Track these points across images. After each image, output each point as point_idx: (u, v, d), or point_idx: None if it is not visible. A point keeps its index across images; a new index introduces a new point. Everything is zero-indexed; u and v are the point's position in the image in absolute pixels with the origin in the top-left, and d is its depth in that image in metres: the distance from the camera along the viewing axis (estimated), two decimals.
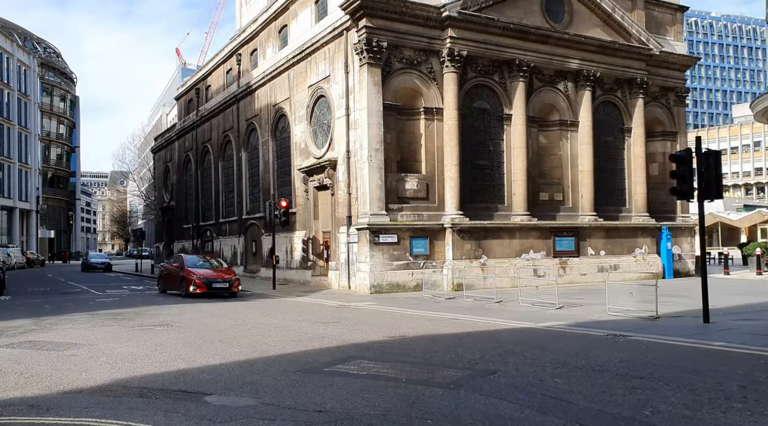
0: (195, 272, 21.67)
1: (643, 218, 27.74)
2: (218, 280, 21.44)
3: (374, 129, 22.54)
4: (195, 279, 21.23)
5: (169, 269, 23.77)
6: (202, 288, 21.10)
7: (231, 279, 21.73)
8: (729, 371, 8.33)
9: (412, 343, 11.08)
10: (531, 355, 9.69)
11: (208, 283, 21.23)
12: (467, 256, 23.07)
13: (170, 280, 23.30)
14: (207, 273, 21.95)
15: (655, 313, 14.65)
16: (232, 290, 21.54)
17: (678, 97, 30.24)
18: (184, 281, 21.70)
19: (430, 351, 10.21)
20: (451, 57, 23.70)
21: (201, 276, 21.44)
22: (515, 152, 24.89)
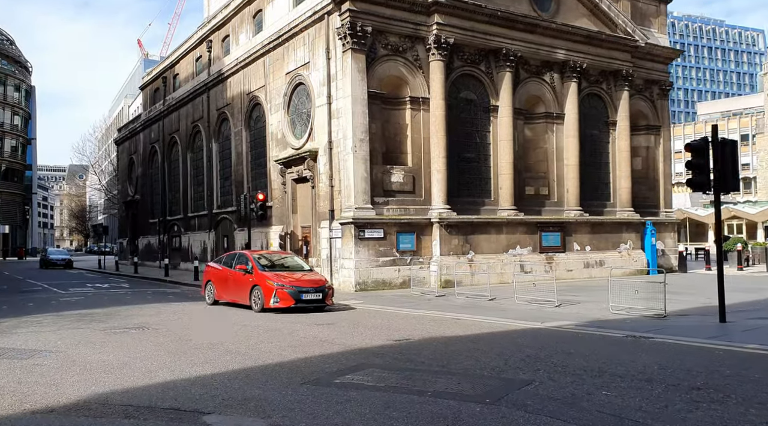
0: (274, 278, 15.47)
1: (628, 213, 27.30)
2: (309, 290, 15.36)
3: (359, 118, 21.45)
4: (276, 288, 15.08)
5: (226, 273, 17.22)
6: (287, 301, 15.00)
7: (324, 287, 15.65)
8: None
9: (422, 348, 10.09)
10: (559, 361, 8.80)
11: (296, 295, 15.10)
12: (455, 252, 22.19)
13: (229, 288, 16.98)
14: (291, 279, 15.62)
15: (662, 311, 13.98)
16: (325, 302, 15.67)
17: (662, 90, 29.92)
18: (257, 291, 15.56)
19: (445, 357, 9.23)
20: (437, 44, 22.75)
21: (285, 284, 15.24)
22: (502, 145, 24.10)
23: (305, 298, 15.21)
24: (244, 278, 16.17)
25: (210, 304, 17.42)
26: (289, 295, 15.07)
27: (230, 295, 16.90)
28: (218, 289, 17.41)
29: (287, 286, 15.21)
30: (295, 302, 15.02)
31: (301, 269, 17.03)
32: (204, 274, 18.37)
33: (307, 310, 15.15)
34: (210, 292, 17.75)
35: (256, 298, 15.58)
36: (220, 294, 17.36)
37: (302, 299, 15.15)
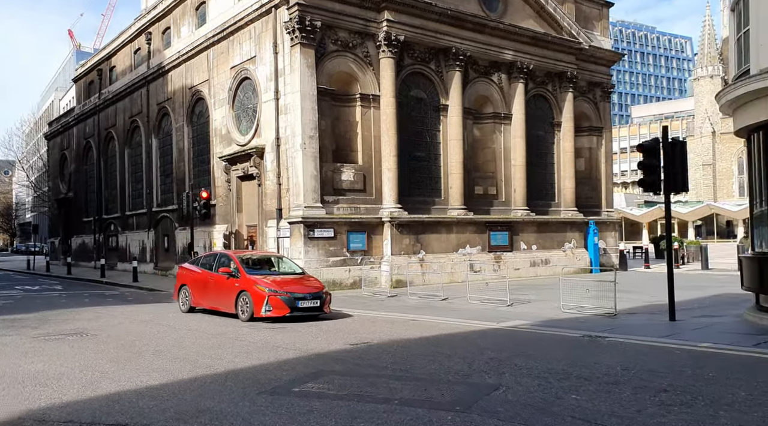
0: (265, 283, 13.51)
1: (572, 213, 27.77)
2: (305, 296, 13.40)
3: (308, 114, 20.95)
4: (269, 294, 13.12)
5: (206, 277, 15.08)
6: (281, 309, 13.06)
7: (321, 293, 13.72)
8: (745, 378, 7.61)
9: (381, 352, 9.77)
10: (523, 363, 8.65)
11: (291, 302, 13.14)
12: (406, 252, 21.98)
13: (209, 293, 14.92)
14: (285, 284, 13.66)
15: (612, 310, 14.13)
16: (323, 310, 13.75)
17: (604, 92, 30.58)
18: (245, 297, 13.52)
19: (407, 361, 8.95)
20: (387, 41, 22.47)
21: (279, 290, 13.29)
22: (452, 144, 24.06)
23: (301, 306, 13.25)
24: (229, 283, 14.11)
25: (185, 312, 15.34)
26: (284, 302, 13.08)
27: (211, 302, 14.86)
28: (195, 294, 15.29)
29: (281, 292, 13.20)
30: (290, 311, 13.06)
31: (293, 272, 15.06)
32: (177, 277, 16.37)
33: (302, 320, 13.31)
34: (185, 298, 15.56)
35: (243, 305, 13.53)
36: (197, 300, 15.25)
37: (298, 307, 13.18)
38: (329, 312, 13.99)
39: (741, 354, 9.19)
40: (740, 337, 10.54)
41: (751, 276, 12.30)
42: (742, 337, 10.52)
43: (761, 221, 12.46)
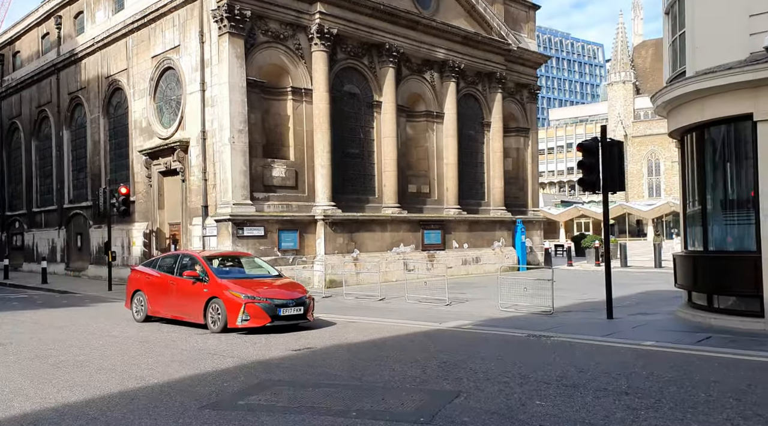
0: (240, 288, 11.75)
1: (501, 212, 28.09)
2: (288, 303, 11.68)
3: (237, 107, 20.03)
4: (246, 301, 11.36)
5: (166, 281, 13.15)
6: (261, 318, 11.36)
7: (304, 298, 12.02)
8: (699, 378, 7.62)
9: (327, 357, 9.24)
10: (477, 366, 8.36)
11: (272, 310, 11.44)
12: (340, 251, 21.45)
13: (171, 300, 12.93)
14: (263, 289, 11.96)
15: (549, 308, 14.21)
16: (306, 317, 12.05)
17: (531, 94, 31.13)
18: (216, 305, 11.69)
19: (357, 367, 8.47)
20: (320, 34, 21.85)
21: (257, 296, 11.56)
22: (386, 141, 23.72)
23: (284, 314, 11.53)
24: (196, 288, 12.22)
25: (140, 321, 13.41)
26: (263, 310, 11.32)
27: (173, 310, 12.87)
28: (153, 301, 13.30)
29: (259, 298, 11.46)
30: (271, 320, 11.36)
31: (269, 274, 13.31)
32: (129, 282, 14.27)
33: (283, 330, 11.67)
34: (140, 306, 13.56)
35: (214, 314, 11.69)
36: (155, 308, 13.25)
37: (280, 316, 11.47)
38: (313, 319, 12.32)
39: (685, 352, 9.27)
40: (680, 335, 10.72)
41: (685, 274, 12.60)
42: (682, 335, 10.70)
43: (694, 220, 12.78)
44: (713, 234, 11.93)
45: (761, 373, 7.73)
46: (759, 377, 7.53)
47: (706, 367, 8.18)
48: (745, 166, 11.51)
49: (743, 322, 11.01)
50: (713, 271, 11.68)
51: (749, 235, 11.20)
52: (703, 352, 9.19)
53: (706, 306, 12.00)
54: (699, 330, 11.05)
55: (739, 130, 11.53)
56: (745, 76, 10.66)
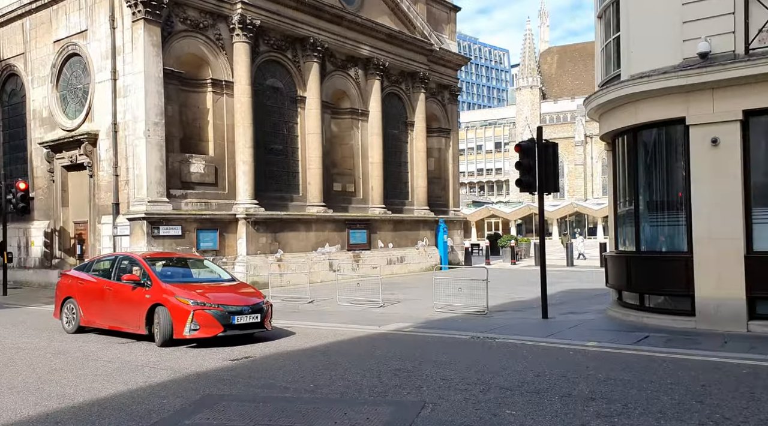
0: (188, 294, 10.38)
1: (424, 212, 28.11)
2: (243, 310, 10.38)
3: (153, 98, 18.76)
4: (194, 308, 10.04)
5: (101, 287, 11.61)
6: (211, 327, 10.06)
7: (261, 304, 10.75)
8: (656, 380, 7.63)
9: (270, 367, 8.60)
10: (433, 373, 8.01)
11: (224, 318, 10.14)
12: (263, 251, 20.60)
13: (107, 308, 11.40)
14: (214, 295, 10.64)
15: (482, 308, 14.19)
16: (263, 326, 10.78)
17: (452, 95, 31.39)
18: (161, 313, 10.27)
19: (307, 377, 7.90)
20: (242, 25, 20.90)
21: (207, 302, 10.23)
22: (310, 138, 23.06)
23: (238, 323, 10.23)
24: (136, 294, 10.76)
25: (71, 332, 11.84)
26: (215, 318, 10.03)
27: (110, 319, 11.32)
28: (87, 309, 11.72)
29: (210, 304, 10.15)
30: (223, 329, 10.08)
31: (220, 278, 11.98)
32: (59, 288, 12.60)
33: (238, 341, 10.48)
34: (71, 315, 11.97)
35: (159, 324, 10.25)
36: (90, 317, 11.69)
37: (234, 324, 10.19)
38: (271, 328, 11.12)
39: (630, 353, 9.34)
40: (618, 335, 10.85)
41: (618, 274, 12.87)
42: (620, 335, 10.84)
43: (625, 221, 13.09)
44: (645, 234, 12.23)
45: (709, 374, 7.84)
46: (709, 377, 7.62)
47: (655, 368, 8.23)
48: (675, 168, 11.87)
49: (675, 321, 11.33)
50: (646, 271, 11.97)
51: (681, 236, 11.54)
52: (647, 353, 9.29)
53: (638, 305, 12.29)
54: (634, 329, 11.25)
55: (670, 133, 11.86)
56: (678, 80, 10.96)
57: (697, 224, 11.01)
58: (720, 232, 10.74)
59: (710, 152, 10.88)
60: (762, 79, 10.32)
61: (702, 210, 10.95)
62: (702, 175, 10.96)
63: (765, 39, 10.41)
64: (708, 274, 10.85)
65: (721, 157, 10.77)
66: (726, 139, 10.74)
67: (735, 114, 10.66)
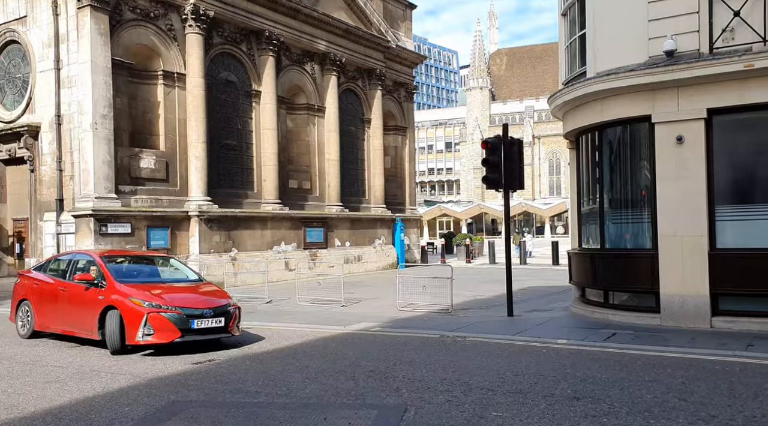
0: (143, 295, 9.43)
1: (382, 210, 27.86)
2: (204, 312, 9.41)
3: (101, 90, 17.87)
4: (149, 311, 9.10)
5: (55, 288, 10.60)
6: (168, 332, 9.09)
7: (226, 307, 9.77)
8: (634, 378, 7.57)
9: (237, 370, 8.15)
10: (408, 374, 7.74)
11: (183, 321, 9.17)
12: (216, 250, 19.91)
13: (61, 311, 10.36)
14: (173, 296, 9.72)
15: (446, 307, 14.03)
16: (228, 330, 9.73)
17: (408, 93, 31.25)
18: (113, 317, 9.29)
19: (278, 381, 7.49)
20: (195, 16, 20.16)
21: (163, 304, 9.27)
22: (265, 134, 22.47)
23: (198, 327, 9.26)
24: (89, 295, 9.78)
25: (25, 337, 10.88)
26: (171, 322, 9.07)
27: (63, 323, 10.31)
28: (40, 312, 10.70)
29: (167, 307, 9.20)
30: (181, 334, 9.10)
31: (186, 279, 10.98)
32: (16, 289, 11.61)
33: (199, 347, 9.52)
34: (26, 318, 10.97)
35: (111, 328, 9.26)
36: (44, 321, 10.63)
37: (193, 329, 9.21)
38: (239, 334, 10.11)
39: (602, 350, 9.28)
40: (586, 332, 10.81)
41: (583, 271, 12.89)
42: (588, 332, 10.80)
43: (589, 219, 13.13)
44: (609, 232, 12.27)
45: (685, 371, 7.82)
46: (687, 375, 7.60)
47: (631, 365, 8.17)
48: (640, 166, 11.95)
49: (640, 318, 11.39)
50: (611, 268, 12.00)
51: (645, 233, 11.62)
52: (618, 350, 9.25)
53: (603, 302, 12.32)
54: (601, 326, 11.25)
55: (635, 131, 11.93)
56: (645, 78, 11.00)
57: (662, 221, 11.09)
58: (685, 230, 10.84)
59: (675, 150, 10.97)
60: (725, 78, 10.46)
61: (667, 207, 11.04)
62: (667, 173, 11.04)
63: (729, 38, 10.56)
64: (673, 271, 10.94)
65: (686, 155, 10.87)
66: (691, 137, 10.85)
67: (699, 112, 10.78)
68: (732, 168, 10.91)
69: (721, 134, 10.86)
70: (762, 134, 10.69)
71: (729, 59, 10.29)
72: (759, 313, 10.46)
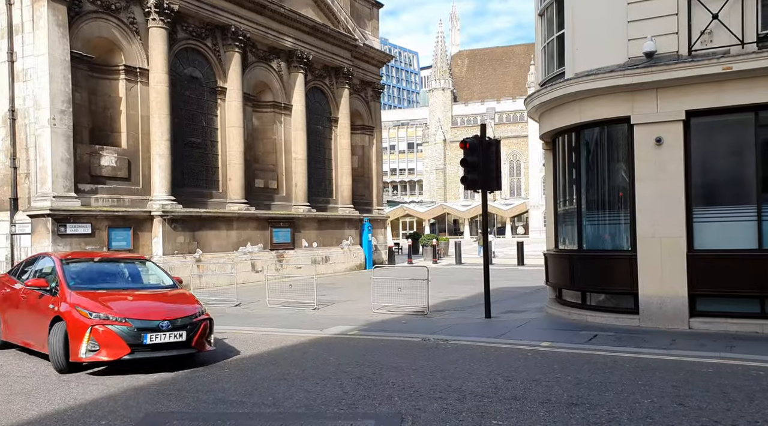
0: (92, 304, 8.22)
1: (349, 210, 27.53)
2: (160, 325, 8.09)
3: (59, 84, 17.07)
4: (94, 323, 7.91)
5: (19, 294, 9.49)
6: (115, 348, 7.87)
7: (190, 319, 8.41)
8: (626, 381, 7.47)
9: (217, 378, 7.74)
10: (397, 380, 7.47)
11: (133, 336, 7.93)
12: (180, 251, 19.27)
13: (20, 320, 9.33)
14: (127, 305, 8.47)
15: (422, 309, 13.86)
16: (192, 346, 8.37)
17: (375, 92, 30.99)
18: (57, 328, 8.17)
19: (260, 389, 7.13)
20: (159, 9, 19.47)
21: (112, 315, 8.03)
22: (231, 132, 21.89)
23: (151, 342, 7.93)
24: (43, 303, 8.67)
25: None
26: (119, 336, 7.82)
27: (23, 334, 9.21)
28: (6, 321, 9.67)
29: (115, 318, 7.94)
30: (130, 351, 7.83)
31: (158, 285, 9.71)
32: None
33: (155, 366, 8.18)
34: None
35: (54, 343, 8.09)
36: (8, 330, 9.60)
37: (145, 344, 7.91)
38: (211, 348, 8.68)
39: (587, 353, 9.18)
40: (568, 334, 10.74)
41: (560, 272, 12.84)
42: (570, 334, 10.73)
43: (565, 220, 13.10)
44: (587, 233, 12.25)
45: (674, 373, 7.77)
46: (676, 378, 7.54)
47: (618, 368, 8.08)
48: (618, 167, 11.97)
49: (619, 319, 11.39)
50: (589, 269, 11.98)
51: (623, 235, 11.63)
52: (602, 352, 9.17)
53: (580, 303, 12.30)
54: (580, 328, 11.20)
55: (612, 132, 11.94)
56: (625, 79, 11.00)
57: (641, 222, 11.11)
58: (663, 231, 10.87)
59: (654, 151, 11.00)
60: (703, 80, 10.54)
61: (646, 208, 11.06)
62: (646, 174, 11.07)
63: (707, 41, 10.63)
64: (651, 272, 10.97)
65: (665, 156, 10.91)
66: (669, 138, 10.89)
67: (678, 114, 10.83)
68: (709, 170, 11.00)
69: (698, 136, 10.93)
70: (738, 136, 10.82)
71: (708, 61, 10.35)
72: (736, 313, 10.57)
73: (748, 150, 10.56)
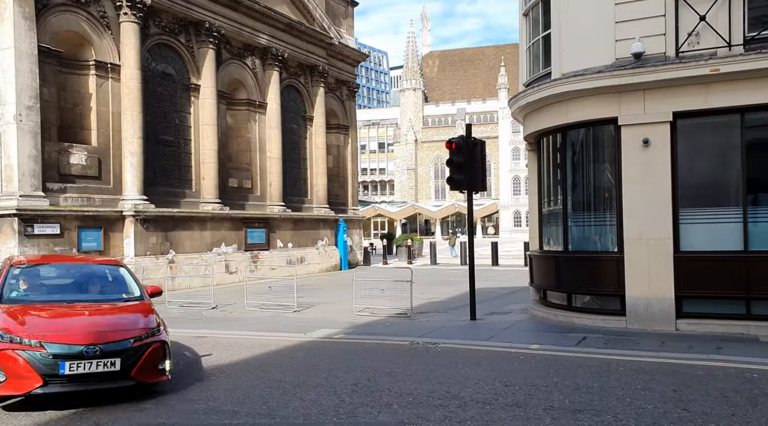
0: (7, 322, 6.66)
1: (325, 210, 27.20)
2: (84, 350, 6.39)
3: (26, 78, 16.40)
4: (4, 346, 6.33)
5: None
6: (24, 379, 6.24)
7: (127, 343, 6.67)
8: (625, 386, 7.37)
9: (203, 386, 7.38)
10: (392, 386, 7.24)
11: (47, 365, 6.27)
12: (153, 252, 18.71)
13: None
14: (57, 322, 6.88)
15: (405, 310, 13.67)
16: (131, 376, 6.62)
17: (350, 91, 30.70)
18: None
19: (251, 397, 6.81)
20: (131, 3, 18.88)
21: (26, 337, 6.41)
22: (205, 130, 21.38)
23: (72, 372, 6.33)
24: None
25: None
26: (30, 364, 6.27)
27: None
28: None
29: (29, 341, 6.39)
30: (42, 383, 6.26)
31: (119, 298, 7.95)
32: None
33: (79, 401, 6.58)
34: None
35: None
36: None
37: (62, 375, 6.31)
38: (161, 380, 7.01)
39: (580, 356, 9.07)
40: (556, 336, 10.63)
41: (545, 273, 12.76)
42: (558, 336, 10.62)
43: (549, 221, 13.03)
44: (573, 234, 12.18)
45: (671, 377, 7.70)
46: (674, 381, 7.46)
47: (614, 372, 7.98)
48: (604, 168, 11.93)
49: (606, 321, 11.34)
50: (576, 270, 11.91)
51: (609, 236, 11.60)
52: (594, 355, 9.08)
53: (566, 305, 12.24)
54: (568, 330, 11.12)
55: (599, 133, 11.90)
56: (612, 80, 10.96)
57: (628, 224, 11.07)
58: (650, 232, 10.86)
59: (641, 153, 10.97)
60: (691, 82, 10.54)
61: (632, 210, 11.03)
62: (633, 176, 11.03)
63: (695, 42, 10.63)
64: (639, 273, 10.94)
65: (652, 157, 10.89)
66: (656, 140, 10.87)
67: (665, 115, 10.82)
68: (696, 171, 11.01)
69: (685, 137, 10.94)
70: (724, 138, 10.85)
71: (695, 63, 10.35)
72: (722, 315, 10.60)
73: (734, 152, 10.60)
